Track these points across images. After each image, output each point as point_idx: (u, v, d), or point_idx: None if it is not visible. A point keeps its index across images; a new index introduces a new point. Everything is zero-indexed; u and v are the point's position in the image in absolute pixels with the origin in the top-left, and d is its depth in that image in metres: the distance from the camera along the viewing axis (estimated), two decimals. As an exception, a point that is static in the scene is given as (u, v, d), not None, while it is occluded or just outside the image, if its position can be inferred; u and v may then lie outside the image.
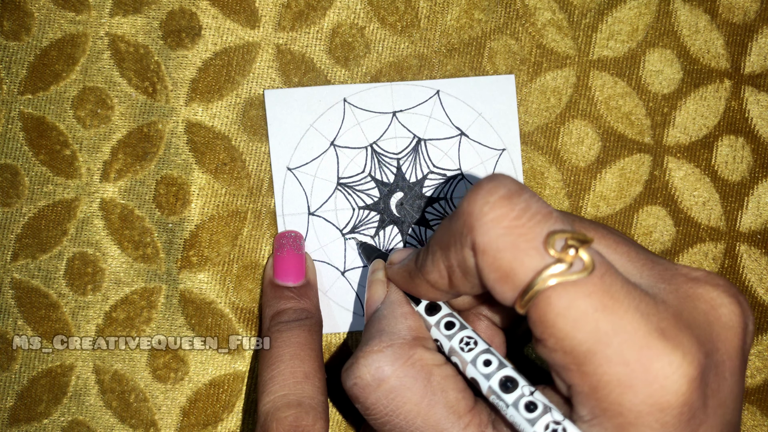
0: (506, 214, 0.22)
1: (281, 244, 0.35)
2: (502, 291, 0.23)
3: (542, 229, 0.22)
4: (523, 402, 0.23)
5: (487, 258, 0.22)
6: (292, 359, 0.32)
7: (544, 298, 0.21)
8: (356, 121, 0.36)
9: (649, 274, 0.24)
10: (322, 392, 0.32)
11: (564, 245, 0.21)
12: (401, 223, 0.36)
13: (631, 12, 0.37)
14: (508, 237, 0.22)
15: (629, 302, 0.21)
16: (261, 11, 0.36)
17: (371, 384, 0.26)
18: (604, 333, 0.21)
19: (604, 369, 0.21)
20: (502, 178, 0.23)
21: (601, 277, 0.21)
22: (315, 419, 0.31)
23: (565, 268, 0.21)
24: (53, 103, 0.36)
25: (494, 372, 0.25)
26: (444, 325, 0.27)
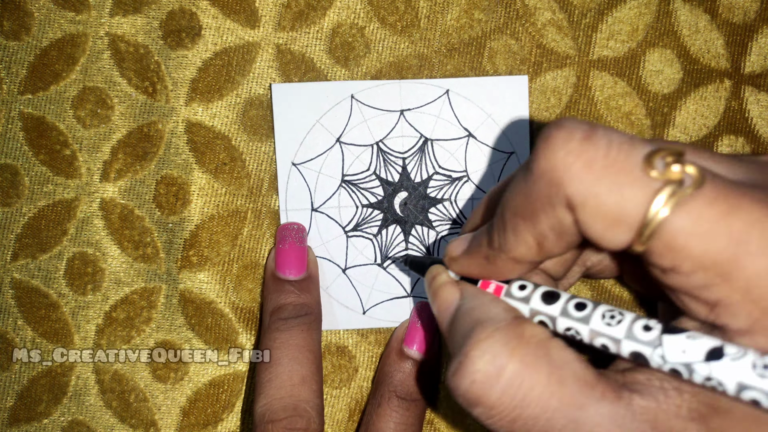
0: (594, 156, 0.20)
1: (283, 236, 0.35)
2: (614, 236, 0.21)
3: (636, 156, 0.20)
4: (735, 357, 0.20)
5: (590, 209, 0.21)
6: (290, 362, 0.32)
7: (668, 225, 0.20)
8: (363, 118, 0.36)
9: (739, 170, 0.23)
10: (319, 395, 0.32)
11: (665, 164, 0.20)
12: (404, 222, 0.36)
13: (631, 12, 0.37)
14: (606, 178, 0.20)
15: (747, 196, 0.20)
16: (261, 11, 0.36)
17: (492, 375, 0.22)
18: (740, 232, 0.20)
19: (753, 266, 0.20)
20: (569, 122, 0.21)
21: (713, 181, 0.20)
22: (309, 423, 0.31)
23: (676, 187, 0.20)
24: (53, 103, 0.36)
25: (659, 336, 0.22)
26: (574, 307, 0.24)
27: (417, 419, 0.34)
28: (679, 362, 0.21)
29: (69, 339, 0.36)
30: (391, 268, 0.36)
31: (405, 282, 0.37)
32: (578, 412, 0.22)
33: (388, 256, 0.36)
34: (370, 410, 0.34)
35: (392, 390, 0.34)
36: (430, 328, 0.35)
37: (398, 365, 0.35)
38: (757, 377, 0.19)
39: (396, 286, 0.37)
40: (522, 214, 0.23)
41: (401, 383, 0.34)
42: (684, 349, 0.21)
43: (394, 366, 0.35)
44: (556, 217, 0.22)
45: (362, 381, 0.37)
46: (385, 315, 0.37)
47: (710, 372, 0.20)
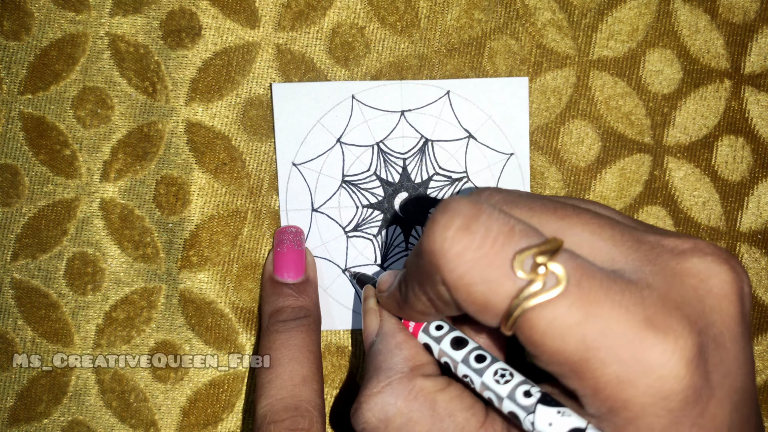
0: (467, 246, 0.22)
1: (281, 239, 0.35)
2: (484, 320, 0.23)
3: (507, 251, 0.21)
4: None
5: (461, 294, 0.22)
6: (291, 362, 0.32)
7: (526, 321, 0.21)
8: (364, 118, 0.36)
9: (634, 257, 0.23)
10: (320, 395, 0.32)
11: (533, 264, 0.21)
12: (404, 223, 0.36)
13: (631, 12, 0.37)
14: (475, 270, 0.21)
15: (611, 301, 0.21)
16: (261, 11, 0.36)
17: (378, 426, 0.26)
18: (592, 340, 0.21)
19: (601, 372, 0.21)
20: (455, 206, 0.22)
21: (578, 284, 0.21)
22: (311, 423, 0.31)
23: (540, 287, 0.21)
24: (53, 103, 0.36)
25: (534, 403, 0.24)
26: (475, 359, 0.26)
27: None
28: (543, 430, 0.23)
29: (69, 339, 0.36)
30: (390, 268, 0.36)
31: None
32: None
33: (387, 257, 0.36)
34: None
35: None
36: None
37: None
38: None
39: (396, 286, 0.37)
40: (415, 279, 0.25)
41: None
42: (551, 422, 0.23)
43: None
44: (437, 291, 0.23)
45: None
46: (385, 315, 0.37)
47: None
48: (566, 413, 0.22)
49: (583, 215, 0.25)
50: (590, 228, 0.24)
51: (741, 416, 0.22)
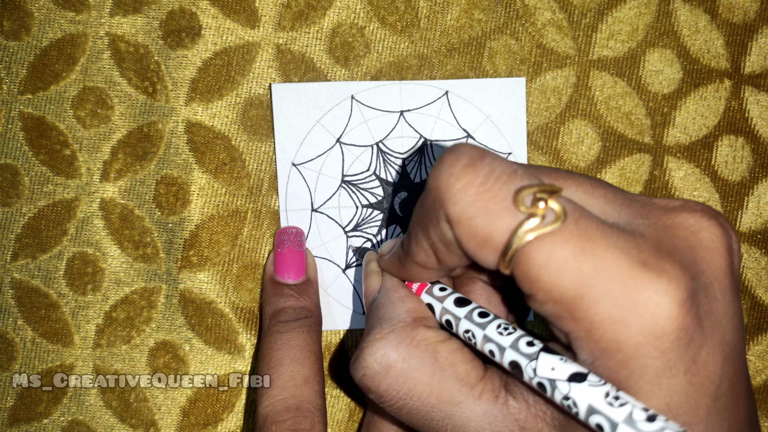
0: (472, 181, 0.22)
1: (282, 240, 0.35)
2: (483, 256, 0.23)
3: (509, 188, 0.22)
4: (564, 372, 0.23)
5: (462, 228, 0.23)
6: (292, 362, 0.32)
7: (524, 255, 0.22)
8: (363, 119, 0.36)
9: (627, 212, 0.24)
10: (321, 396, 0.32)
11: (533, 199, 0.22)
12: (404, 223, 0.36)
13: (631, 12, 0.37)
14: (478, 203, 0.22)
15: (607, 241, 0.21)
16: (261, 11, 0.36)
17: (380, 372, 0.26)
18: (587, 275, 0.21)
19: (595, 310, 0.21)
20: (463, 147, 0.23)
21: (576, 222, 0.22)
22: (313, 423, 0.31)
23: (539, 222, 0.21)
24: (53, 103, 0.36)
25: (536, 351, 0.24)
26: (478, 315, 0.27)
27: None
28: (546, 377, 0.23)
29: (69, 339, 0.36)
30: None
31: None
32: (453, 408, 0.25)
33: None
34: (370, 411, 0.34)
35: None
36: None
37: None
38: (605, 405, 0.21)
39: (396, 286, 0.37)
40: (419, 223, 0.25)
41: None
42: (554, 367, 0.23)
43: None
44: (440, 230, 0.24)
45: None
46: (385, 315, 0.37)
47: (569, 391, 0.22)
48: (568, 361, 0.23)
49: (575, 177, 0.26)
50: (583, 188, 0.25)
51: (732, 370, 0.22)
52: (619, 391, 0.21)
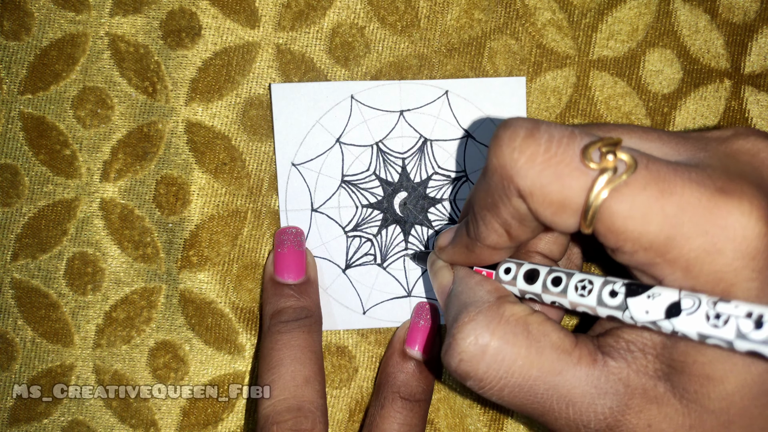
0: (536, 151, 0.22)
1: (282, 240, 0.35)
2: (563, 221, 0.23)
3: (574, 149, 0.22)
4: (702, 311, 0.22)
5: (537, 198, 0.23)
6: (293, 363, 0.32)
7: (606, 210, 0.22)
8: (363, 118, 0.36)
9: (685, 149, 0.25)
10: (322, 396, 0.32)
11: (600, 154, 0.22)
12: (404, 222, 0.36)
13: (631, 12, 0.37)
14: (548, 170, 0.22)
15: (681, 178, 0.22)
16: (261, 11, 0.36)
17: (476, 354, 0.25)
18: (673, 215, 0.21)
19: (688, 247, 0.21)
20: (516, 121, 0.23)
21: (647, 167, 0.22)
22: (314, 423, 0.31)
23: (612, 175, 0.22)
24: (53, 103, 0.36)
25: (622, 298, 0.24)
26: (551, 283, 0.26)
27: (420, 420, 0.34)
28: (646, 321, 0.23)
29: (69, 339, 0.36)
30: (390, 268, 0.36)
31: (405, 282, 0.37)
32: (556, 378, 0.25)
33: (387, 256, 0.36)
34: (373, 412, 0.34)
35: (395, 391, 0.34)
36: (432, 328, 0.35)
37: (401, 366, 0.35)
38: (711, 328, 0.21)
39: (396, 286, 0.37)
40: (486, 206, 0.25)
41: (404, 384, 0.34)
42: (647, 309, 0.23)
43: (396, 367, 0.35)
44: (513, 206, 0.24)
45: (362, 381, 0.37)
46: (385, 315, 0.37)
47: (673, 327, 0.22)
48: (655, 294, 0.23)
49: (624, 127, 0.26)
50: (637, 134, 0.26)
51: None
52: (716, 304, 0.21)
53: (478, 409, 0.37)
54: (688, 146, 0.25)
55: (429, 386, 0.35)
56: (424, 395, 0.34)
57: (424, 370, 0.35)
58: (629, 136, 0.26)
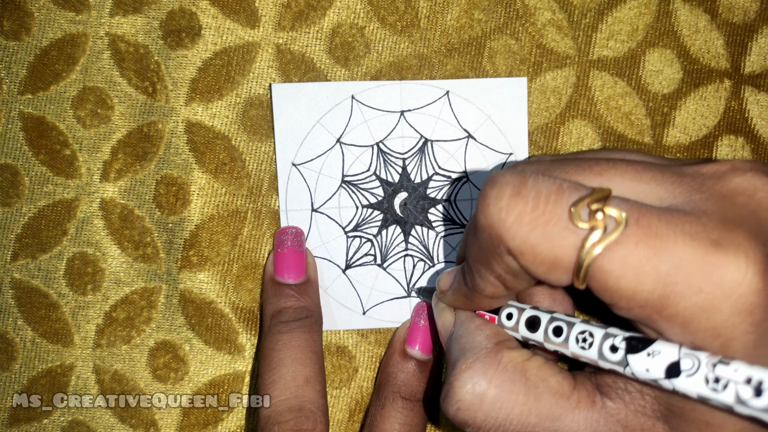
0: (523, 210, 0.22)
1: (282, 240, 0.35)
2: (555, 278, 0.23)
3: (563, 206, 0.22)
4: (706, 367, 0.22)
5: (528, 257, 0.23)
6: (294, 363, 0.32)
7: (597, 268, 0.22)
8: (363, 119, 0.36)
9: (680, 191, 0.24)
10: (323, 396, 0.32)
11: (589, 212, 0.22)
12: (404, 223, 0.36)
13: (631, 12, 0.37)
14: (537, 230, 0.22)
15: (674, 232, 0.21)
16: (261, 11, 0.36)
17: (474, 402, 0.25)
18: (666, 274, 0.21)
19: (683, 305, 0.21)
20: (503, 177, 0.23)
21: (638, 222, 0.21)
22: (315, 423, 0.31)
23: (602, 233, 0.21)
24: (53, 103, 0.36)
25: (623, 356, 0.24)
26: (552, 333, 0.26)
27: (421, 419, 0.34)
28: (647, 379, 0.23)
29: (69, 339, 0.36)
30: (390, 269, 0.37)
31: (405, 282, 0.37)
32: (555, 423, 0.25)
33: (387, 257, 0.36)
34: (373, 411, 0.34)
35: (396, 391, 0.34)
36: (432, 328, 0.35)
37: (401, 365, 0.35)
38: (711, 392, 0.21)
39: (396, 287, 0.37)
40: (479, 260, 0.25)
41: (405, 384, 0.34)
42: (647, 367, 0.23)
43: (397, 366, 0.35)
44: (504, 263, 0.24)
45: (362, 381, 0.37)
46: (385, 315, 0.37)
47: (673, 386, 0.22)
48: (655, 352, 0.22)
49: (618, 165, 0.25)
50: (629, 175, 0.25)
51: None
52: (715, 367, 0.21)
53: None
54: (684, 186, 0.24)
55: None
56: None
57: (424, 369, 0.35)
58: (622, 177, 0.25)
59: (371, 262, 0.36)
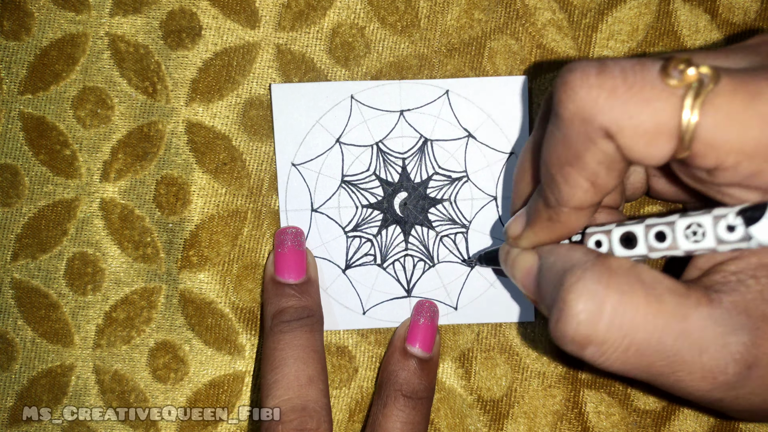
0: (614, 84, 0.22)
1: (282, 240, 0.35)
2: (658, 150, 0.22)
3: (652, 72, 0.21)
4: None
5: (627, 131, 0.22)
6: (296, 362, 0.32)
7: (704, 125, 0.21)
8: (363, 118, 0.36)
9: (741, 59, 0.24)
10: (326, 395, 0.32)
11: (679, 71, 0.21)
12: (404, 223, 0.36)
13: (631, 12, 0.37)
14: (633, 99, 0.21)
15: (762, 78, 0.21)
16: (261, 11, 0.36)
17: (593, 313, 0.23)
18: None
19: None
20: (579, 64, 0.22)
21: (728, 74, 0.21)
22: (319, 423, 0.31)
23: (698, 87, 0.21)
24: (53, 103, 0.36)
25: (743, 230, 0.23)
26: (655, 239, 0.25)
27: (423, 417, 0.34)
28: None
29: (69, 339, 0.36)
30: (390, 268, 0.36)
31: (404, 282, 0.37)
32: (684, 323, 0.22)
33: (387, 257, 0.36)
34: (375, 410, 0.34)
35: (398, 389, 0.34)
36: (431, 326, 0.35)
37: (402, 364, 0.35)
38: None
39: (396, 287, 0.37)
40: (567, 161, 0.23)
41: (406, 382, 0.34)
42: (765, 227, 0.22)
43: (398, 365, 0.35)
44: (599, 151, 0.22)
45: (362, 381, 0.37)
46: (385, 315, 0.37)
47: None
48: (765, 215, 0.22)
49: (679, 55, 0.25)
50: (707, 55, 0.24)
51: None
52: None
53: (478, 410, 0.37)
54: (740, 56, 0.24)
55: (431, 384, 0.35)
56: (426, 393, 0.34)
57: (425, 367, 0.35)
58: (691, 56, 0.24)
59: (371, 262, 0.36)
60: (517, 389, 0.37)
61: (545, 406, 0.37)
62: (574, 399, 0.37)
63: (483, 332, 0.37)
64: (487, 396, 0.37)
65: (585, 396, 0.37)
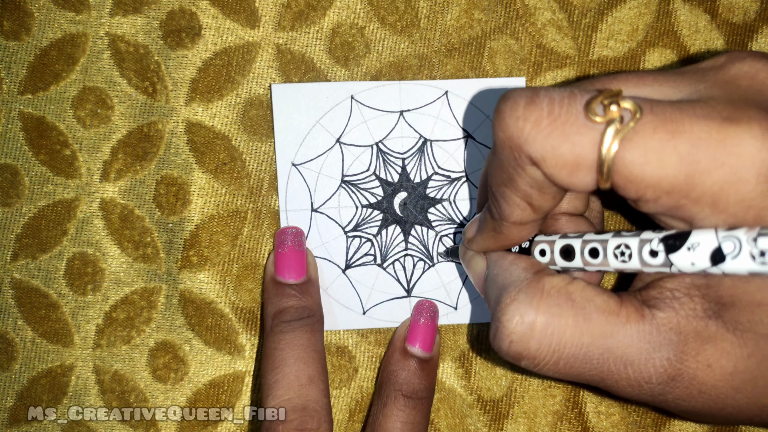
0: (539, 116, 0.23)
1: (282, 240, 0.35)
2: (580, 180, 0.23)
3: (577, 107, 0.22)
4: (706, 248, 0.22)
5: (550, 161, 0.23)
6: (297, 362, 0.32)
7: (620, 160, 0.22)
8: (363, 119, 0.36)
9: (683, 85, 0.25)
10: (326, 395, 0.32)
11: (603, 107, 0.22)
12: (404, 223, 0.36)
13: (631, 12, 0.37)
14: (555, 132, 0.22)
15: (687, 115, 0.22)
16: (261, 11, 0.36)
17: (525, 332, 0.25)
18: (687, 153, 0.21)
19: (710, 181, 0.21)
20: (513, 92, 0.24)
21: (651, 111, 0.22)
22: (319, 422, 0.31)
23: (619, 125, 0.22)
24: (53, 103, 0.36)
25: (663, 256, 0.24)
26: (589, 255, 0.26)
27: (423, 417, 0.34)
28: (695, 271, 0.23)
29: (69, 339, 0.36)
30: (390, 268, 0.37)
31: (404, 282, 0.37)
32: (609, 340, 0.24)
33: (387, 257, 0.37)
34: (375, 411, 0.34)
35: (398, 389, 0.34)
36: (431, 326, 0.35)
37: (402, 363, 0.35)
38: (759, 266, 0.21)
39: (396, 286, 0.37)
40: (503, 182, 0.25)
41: (406, 382, 0.34)
42: (692, 261, 0.23)
43: (398, 365, 0.35)
44: (528, 176, 0.24)
45: (362, 381, 0.37)
46: (385, 315, 0.37)
47: (723, 271, 0.22)
48: (695, 244, 0.23)
49: (618, 77, 0.26)
50: (632, 82, 0.26)
51: None
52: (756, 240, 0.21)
53: (478, 409, 0.37)
54: (686, 81, 0.25)
55: (431, 384, 0.35)
56: (427, 393, 0.34)
57: (425, 367, 0.35)
58: (625, 85, 0.26)
59: (371, 262, 0.36)
60: (517, 389, 0.37)
61: (545, 406, 0.37)
62: (574, 399, 0.37)
63: (483, 332, 0.37)
64: (487, 396, 0.37)
65: (585, 396, 0.37)
